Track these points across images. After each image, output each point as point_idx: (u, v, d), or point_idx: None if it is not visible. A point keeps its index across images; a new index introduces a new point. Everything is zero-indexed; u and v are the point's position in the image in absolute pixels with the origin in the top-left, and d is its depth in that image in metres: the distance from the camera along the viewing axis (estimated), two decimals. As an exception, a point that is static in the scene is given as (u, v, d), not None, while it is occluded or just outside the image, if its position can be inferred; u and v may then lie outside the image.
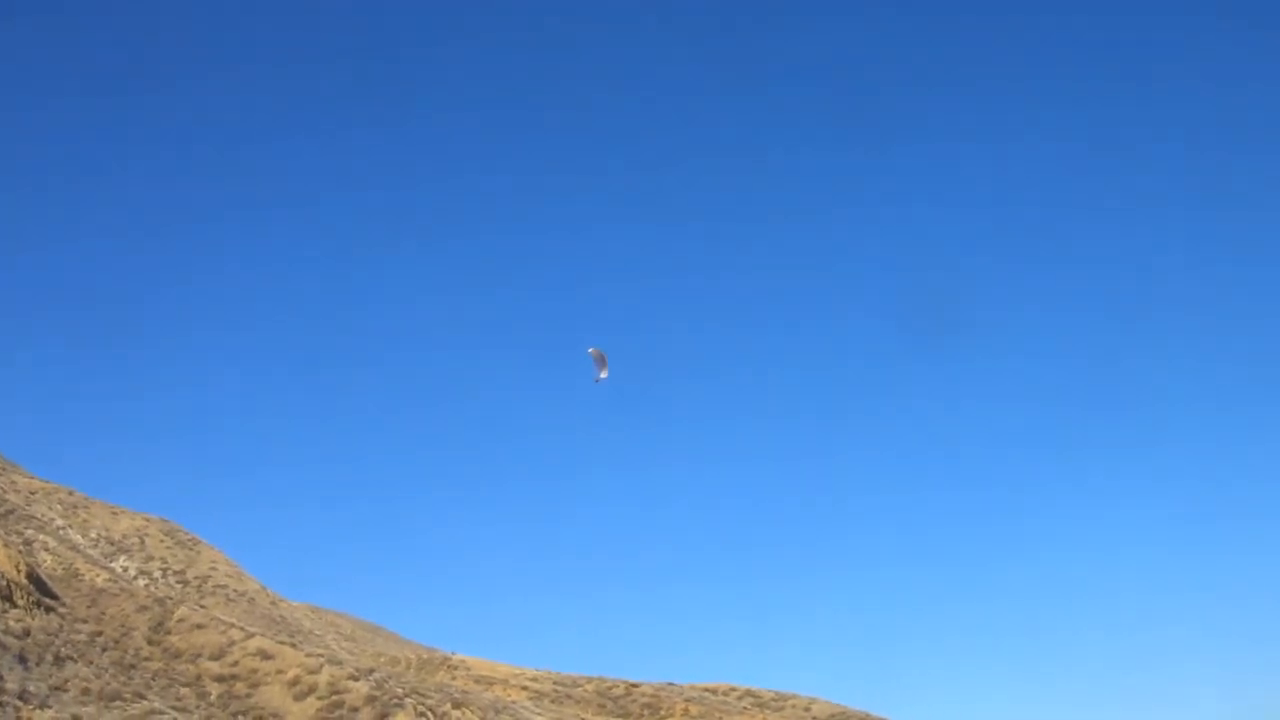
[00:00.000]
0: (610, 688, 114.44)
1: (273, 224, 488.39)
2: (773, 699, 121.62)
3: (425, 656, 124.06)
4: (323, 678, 72.41)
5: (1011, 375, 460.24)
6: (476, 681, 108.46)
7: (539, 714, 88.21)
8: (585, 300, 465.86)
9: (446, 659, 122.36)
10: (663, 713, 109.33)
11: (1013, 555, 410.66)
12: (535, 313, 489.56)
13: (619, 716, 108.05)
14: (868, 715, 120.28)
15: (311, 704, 69.57)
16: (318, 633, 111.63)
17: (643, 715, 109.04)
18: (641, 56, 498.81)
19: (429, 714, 68.81)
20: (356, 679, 73.15)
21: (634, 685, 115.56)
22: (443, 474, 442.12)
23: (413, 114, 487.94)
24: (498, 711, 77.15)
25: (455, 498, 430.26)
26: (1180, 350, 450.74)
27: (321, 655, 77.65)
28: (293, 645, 79.79)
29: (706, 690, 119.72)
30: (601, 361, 69.19)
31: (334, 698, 69.86)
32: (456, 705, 72.56)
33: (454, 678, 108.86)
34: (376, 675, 75.89)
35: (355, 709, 68.79)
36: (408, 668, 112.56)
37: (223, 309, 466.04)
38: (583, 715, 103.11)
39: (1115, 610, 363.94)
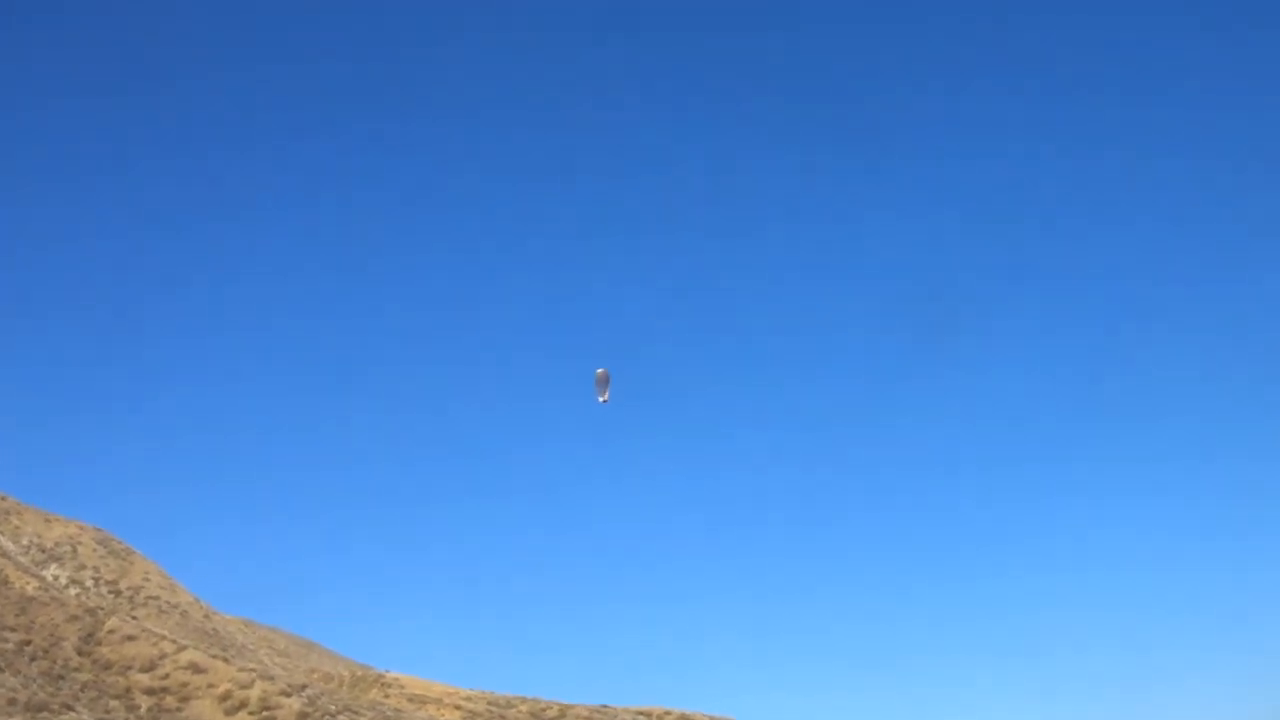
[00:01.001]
0: (544, 709, 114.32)
1: (216, 229, 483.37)
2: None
3: (359, 674, 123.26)
4: (255, 693, 71.95)
5: (1007, 377, 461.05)
6: (410, 700, 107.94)
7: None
8: (567, 306, 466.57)
9: (380, 677, 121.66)
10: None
11: (1007, 567, 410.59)
12: (495, 321, 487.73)
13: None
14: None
15: (242, 719, 69.09)
16: (251, 647, 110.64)
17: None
18: (642, 58, 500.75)
19: (361, 732, 68.61)
20: (289, 695, 72.78)
21: (568, 707, 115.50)
22: (379, 490, 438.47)
23: (411, 115, 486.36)
24: (431, 731, 76.97)
25: (391, 514, 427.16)
26: (1180, 356, 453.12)
27: (254, 670, 77.15)
28: (225, 659, 79.23)
29: (641, 713, 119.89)
30: (604, 383, 69.29)
31: (265, 713, 69.48)
32: (389, 723, 72.37)
33: (387, 696, 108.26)
34: (309, 692, 75.52)
35: (287, 725, 68.43)
36: (341, 685, 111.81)
37: (163, 315, 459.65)
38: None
39: (1110, 617, 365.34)
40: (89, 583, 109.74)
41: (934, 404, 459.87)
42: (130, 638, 78.90)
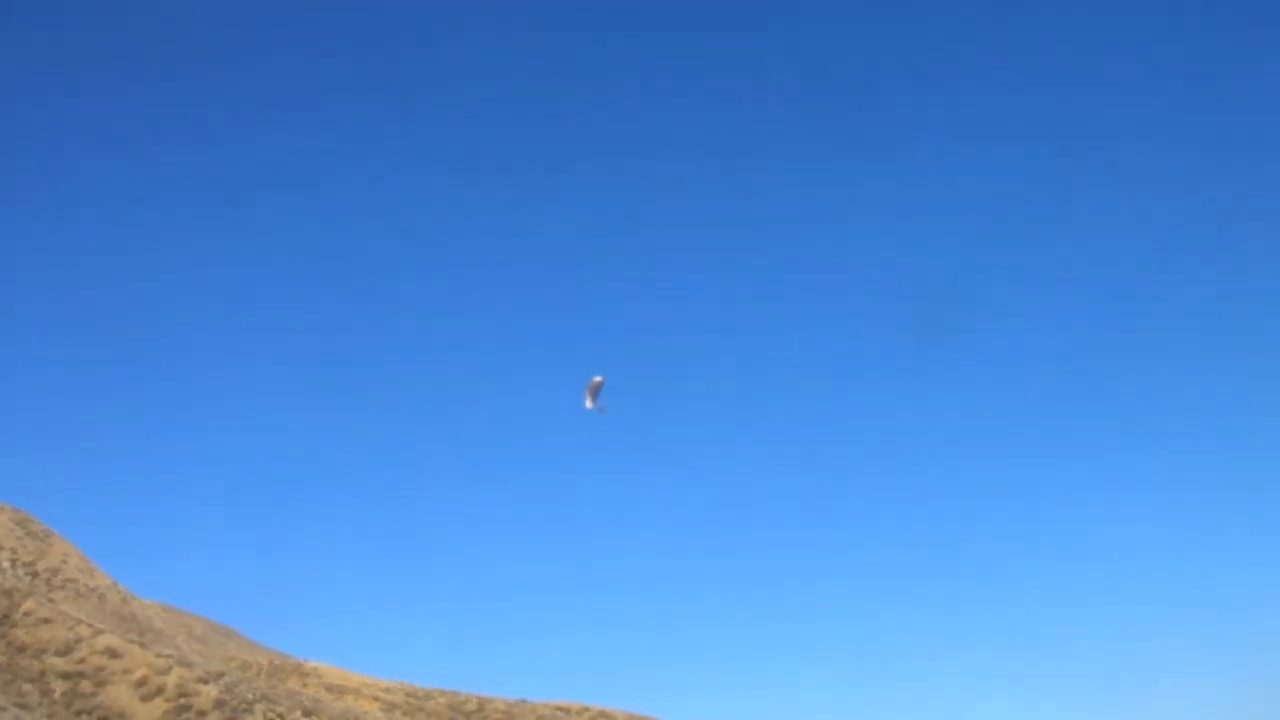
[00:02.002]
0: (463, 702, 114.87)
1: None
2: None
3: (278, 662, 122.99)
4: (171, 679, 71.92)
5: (1005, 377, 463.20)
6: (328, 690, 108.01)
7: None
8: (560, 302, 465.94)
9: (299, 665, 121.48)
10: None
11: (1002, 566, 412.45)
12: (466, 309, 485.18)
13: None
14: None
15: (159, 706, 69.10)
16: (168, 633, 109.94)
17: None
18: (641, 58, 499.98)
19: (278, 721, 68.93)
20: (206, 682, 72.83)
21: (487, 700, 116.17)
22: (302, 477, 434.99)
23: (410, 114, 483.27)
24: (348, 721, 77.42)
25: (313, 501, 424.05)
26: (1178, 356, 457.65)
27: (171, 656, 77.06)
28: (142, 645, 79.01)
29: (559, 709, 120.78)
30: (595, 391, 69.79)
31: (182, 700, 69.49)
32: (307, 713, 72.69)
33: (305, 685, 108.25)
34: (227, 679, 75.60)
35: (203, 713, 68.52)
36: (259, 673, 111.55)
37: (98, 299, 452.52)
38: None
39: (1109, 617, 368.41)
40: (5, 564, 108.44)
41: (932, 404, 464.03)
42: (46, 621, 78.44)
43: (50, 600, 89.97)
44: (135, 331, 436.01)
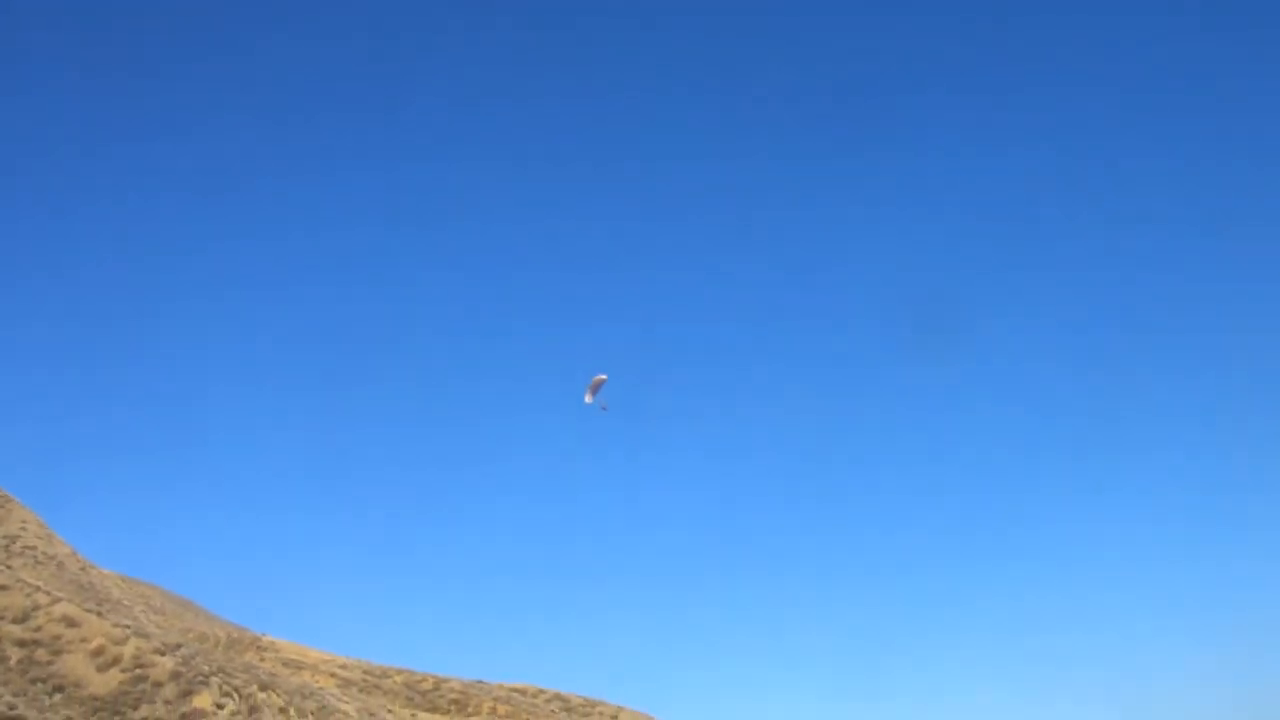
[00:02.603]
0: (419, 681, 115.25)
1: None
2: (581, 704, 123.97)
3: (235, 635, 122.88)
4: (128, 649, 71.88)
5: (1003, 379, 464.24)
6: (285, 665, 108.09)
7: (346, 702, 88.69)
8: (553, 298, 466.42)
9: (256, 640, 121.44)
10: (470, 710, 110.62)
11: (990, 566, 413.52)
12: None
13: (426, 710, 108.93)
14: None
15: (114, 676, 69.07)
16: (126, 603, 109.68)
17: (450, 711, 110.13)
18: (641, 57, 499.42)
19: (234, 694, 68.99)
20: (163, 654, 72.81)
21: (443, 680, 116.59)
22: (264, 451, 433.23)
23: (410, 114, 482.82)
24: (304, 697, 77.54)
25: (275, 475, 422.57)
26: (1176, 355, 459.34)
27: (128, 627, 76.98)
28: (99, 614, 78.89)
29: (515, 691, 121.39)
30: (596, 388, 70.01)
31: (138, 671, 69.48)
32: (263, 688, 72.81)
33: (262, 659, 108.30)
34: (183, 651, 75.59)
35: (159, 684, 68.55)
36: (216, 646, 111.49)
37: (50, 274, 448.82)
38: (390, 707, 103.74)
39: (1109, 615, 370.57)
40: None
41: (933, 403, 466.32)
42: (3, 588, 78.14)
43: (8, 567, 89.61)
44: (95, 306, 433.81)
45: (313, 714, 74.16)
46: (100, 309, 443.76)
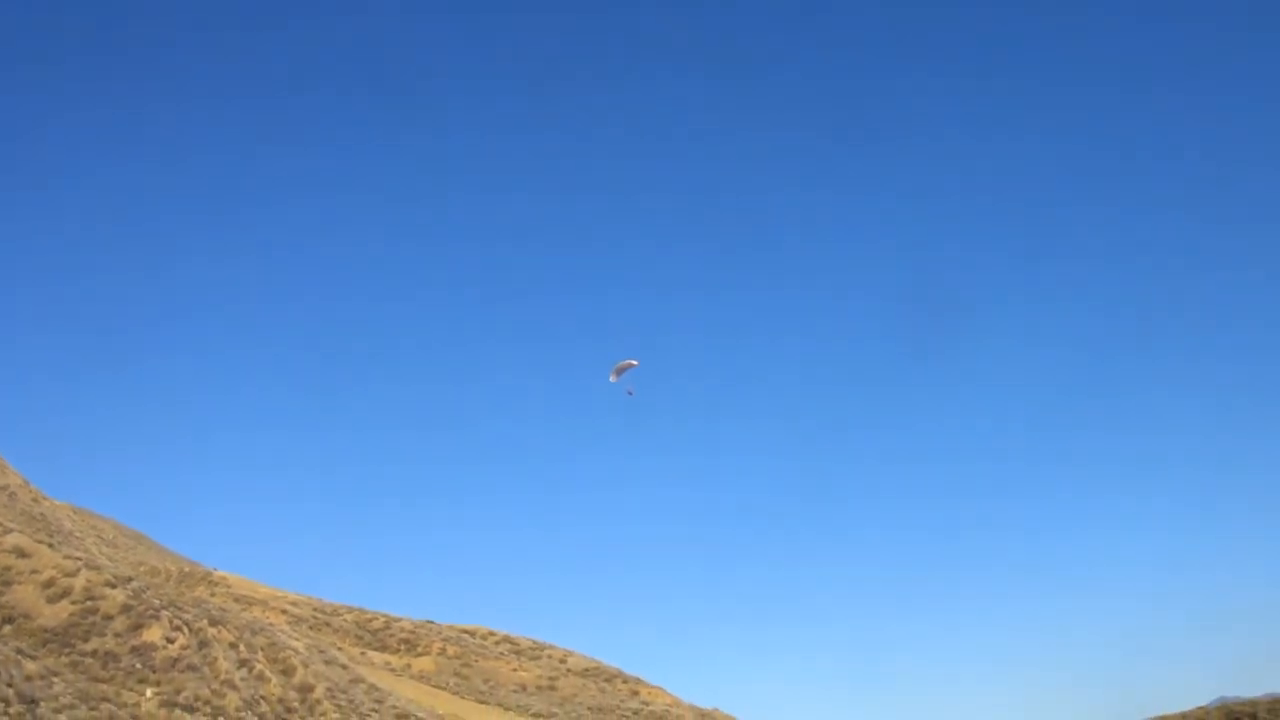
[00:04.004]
0: (369, 620, 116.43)
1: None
2: (530, 647, 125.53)
3: (187, 570, 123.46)
4: (79, 582, 72.22)
5: (1000, 377, 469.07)
6: (236, 600, 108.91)
7: (296, 639, 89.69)
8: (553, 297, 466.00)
9: (208, 574, 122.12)
10: (419, 650, 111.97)
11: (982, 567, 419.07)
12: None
13: (376, 649, 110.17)
14: (620, 672, 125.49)
15: (65, 608, 69.49)
16: (78, 535, 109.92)
17: (399, 650, 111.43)
18: (642, 56, 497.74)
19: (184, 629, 69.72)
20: (114, 586, 73.22)
21: (393, 619, 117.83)
22: (222, 389, 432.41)
23: (411, 113, 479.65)
24: (254, 633, 78.42)
25: (233, 413, 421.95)
26: (1176, 355, 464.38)
27: (80, 559, 77.33)
28: (50, 545, 79.16)
29: (465, 632, 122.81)
30: (621, 370, 70.56)
31: (89, 603, 69.90)
32: (213, 623, 73.57)
33: (214, 594, 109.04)
34: (134, 584, 76.08)
35: (109, 616, 69.07)
36: (167, 579, 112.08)
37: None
38: (340, 645, 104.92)
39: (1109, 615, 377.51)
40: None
41: (934, 403, 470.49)
42: (-46, 516, 78.24)
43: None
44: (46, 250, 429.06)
45: (262, 650, 75.05)
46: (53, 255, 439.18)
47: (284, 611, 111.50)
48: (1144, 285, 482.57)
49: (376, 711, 76.27)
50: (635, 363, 70.19)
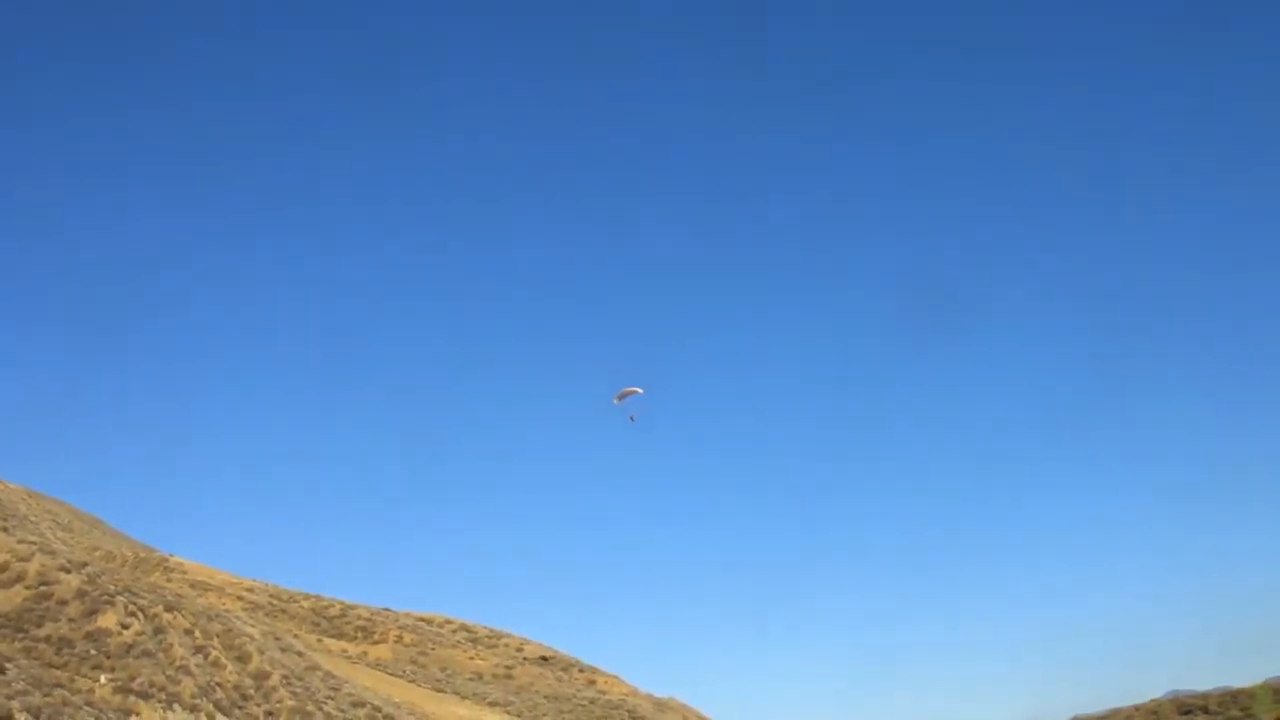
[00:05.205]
0: (326, 607, 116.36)
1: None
2: (486, 635, 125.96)
3: (142, 555, 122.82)
4: (33, 566, 71.85)
5: (1000, 377, 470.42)
6: (192, 586, 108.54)
7: (252, 626, 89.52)
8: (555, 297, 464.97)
9: (164, 560, 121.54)
10: (376, 637, 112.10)
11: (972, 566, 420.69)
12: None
13: (332, 636, 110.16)
14: (577, 661, 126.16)
15: (18, 593, 69.14)
16: (32, 519, 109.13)
17: (356, 638, 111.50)
18: (644, 55, 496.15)
19: (139, 614, 69.54)
20: (68, 571, 72.88)
21: (350, 607, 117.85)
22: (180, 374, 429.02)
23: (413, 113, 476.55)
24: (210, 619, 78.28)
25: (190, 398, 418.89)
26: (1174, 355, 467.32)
27: (34, 543, 76.92)
28: (4, 529, 78.73)
29: (422, 620, 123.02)
30: (624, 395, 70.65)
31: (42, 588, 69.56)
32: (169, 608, 73.39)
33: (169, 580, 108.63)
34: (89, 569, 75.77)
35: (64, 602, 68.79)
36: (123, 565, 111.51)
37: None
38: (296, 631, 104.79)
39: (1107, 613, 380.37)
40: None
41: (936, 400, 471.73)
42: (-94, 499, 77.64)
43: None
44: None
45: (218, 636, 74.95)
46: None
47: (240, 598, 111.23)
48: (1144, 285, 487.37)
49: (332, 699, 76.40)
50: (640, 390, 70.65)
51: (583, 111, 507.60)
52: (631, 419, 71.00)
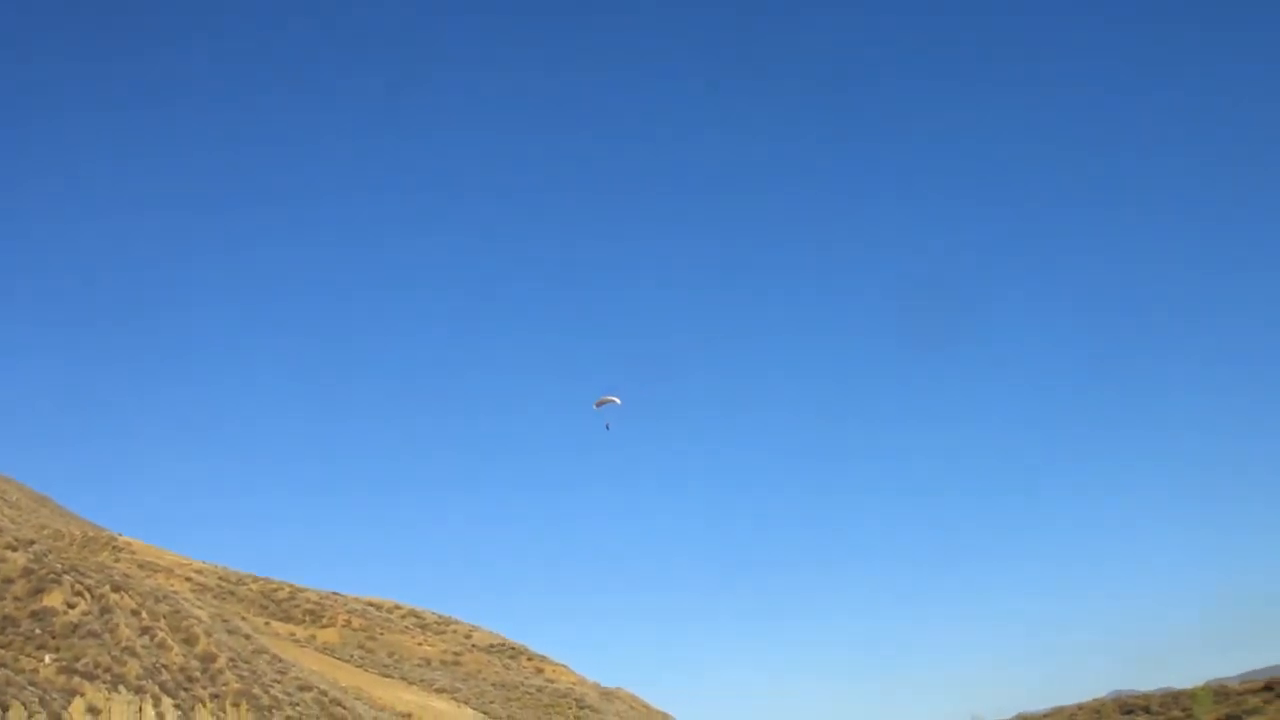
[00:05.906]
0: (275, 590, 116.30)
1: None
2: (435, 621, 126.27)
3: (91, 534, 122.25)
4: (-21, 544, 71.72)
5: (1000, 375, 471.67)
6: (140, 566, 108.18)
7: (200, 608, 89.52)
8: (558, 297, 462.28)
9: (112, 539, 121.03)
10: (324, 621, 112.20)
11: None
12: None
13: (281, 619, 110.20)
14: (525, 649, 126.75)
15: (-36, 570, 69.02)
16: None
17: (305, 621, 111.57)
18: (645, 53, 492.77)
19: (86, 594, 69.53)
20: (15, 549, 72.80)
21: (299, 590, 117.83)
22: (133, 351, 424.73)
23: (414, 113, 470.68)
24: (158, 600, 78.26)
25: (140, 375, 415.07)
26: (1174, 354, 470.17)
27: (-19, 521, 76.74)
28: (-48, 507, 78.42)
29: (370, 604, 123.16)
30: (603, 403, 71.43)
31: (-11, 566, 69.45)
32: (116, 589, 73.36)
33: (117, 560, 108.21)
34: (36, 548, 75.66)
35: (9, 580, 68.71)
36: (71, 544, 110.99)
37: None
38: (244, 614, 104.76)
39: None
40: None
41: (937, 398, 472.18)
42: None
43: None
44: None
45: (165, 618, 74.98)
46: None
47: (188, 579, 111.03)
48: (1144, 285, 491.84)
49: (279, 683, 76.68)
50: (617, 400, 71.94)
51: (582, 111, 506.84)
52: (607, 427, 72.51)
